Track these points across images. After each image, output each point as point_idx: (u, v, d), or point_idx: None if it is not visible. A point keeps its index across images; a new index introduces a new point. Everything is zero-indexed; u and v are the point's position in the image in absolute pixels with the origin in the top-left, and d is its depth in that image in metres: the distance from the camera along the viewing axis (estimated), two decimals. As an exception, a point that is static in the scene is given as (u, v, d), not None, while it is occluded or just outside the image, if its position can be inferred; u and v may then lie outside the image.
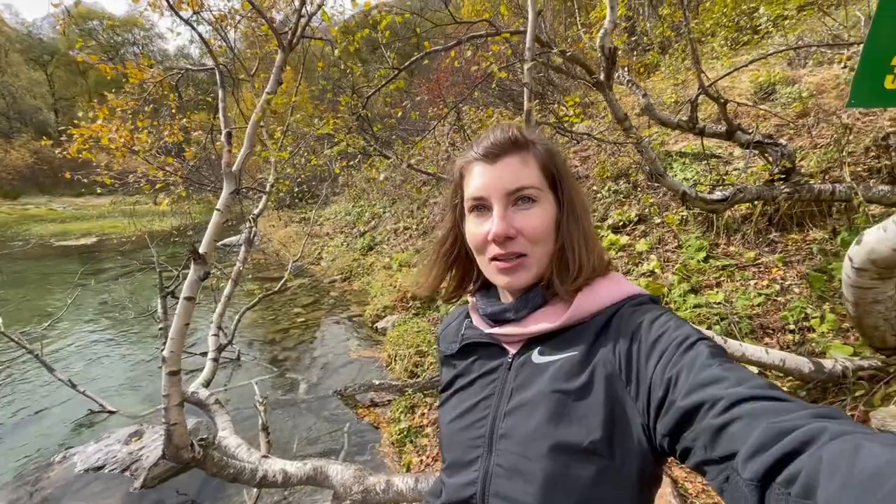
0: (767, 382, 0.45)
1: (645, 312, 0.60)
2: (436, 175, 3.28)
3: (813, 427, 0.36)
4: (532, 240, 0.64)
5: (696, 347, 0.51)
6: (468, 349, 0.75)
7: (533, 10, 2.54)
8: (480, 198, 0.65)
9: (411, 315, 5.19)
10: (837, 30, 4.97)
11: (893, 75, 1.20)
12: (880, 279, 1.92)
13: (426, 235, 7.43)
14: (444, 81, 11.28)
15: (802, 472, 0.34)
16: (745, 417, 0.41)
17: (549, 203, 0.65)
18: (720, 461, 0.42)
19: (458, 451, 0.68)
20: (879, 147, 4.09)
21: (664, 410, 0.49)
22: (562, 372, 0.60)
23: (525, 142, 0.65)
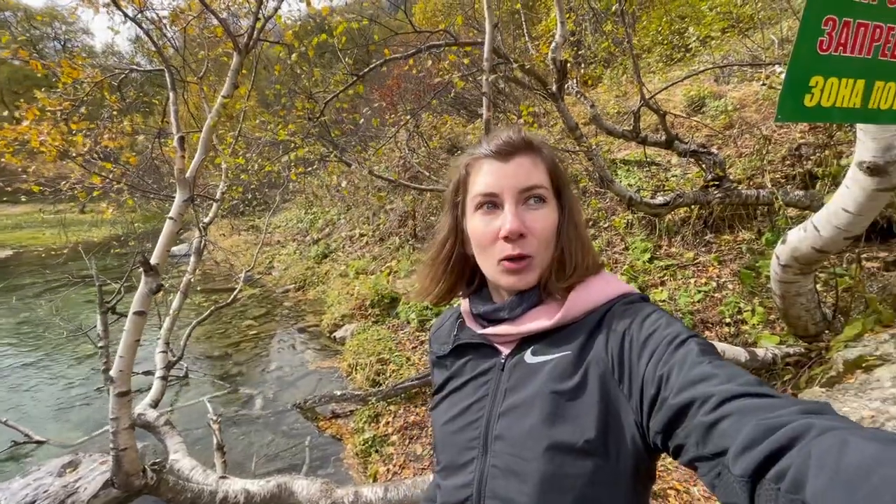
0: (756, 379, 0.46)
1: (636, 311, 0.61)
2: (397, 181, 3.28)
3: (801, 423, 0.37)
4: (541, 240, 0.64)
5: (686, 345, 0.52)
6: (460, 350, 0.75)
7: (490, 23, 2.62)
8: (491, 194, 0.65)
9: (370, 323, 5.13)
10: (756, 51, 5.51)
11: (811, 94, 1.36)
12: (802, 274, 2.16)
13: (383, 242, 7.36)
14: (397, 88, 11.30)
15: (791, 467, 0.35)
16: (735, 414, 0.42)
17: (552, 206, 0.67)
18: (712, 458, 0.43)
19: (453, 453, 0.68)
20: (793, 156, 4.57)
21: (657, 408, 0.50)
22: (555, 372, 0.61)
23: (535, 145, 0.67)
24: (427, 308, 4.90)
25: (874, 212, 1.77)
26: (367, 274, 6.59)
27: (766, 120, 5.37)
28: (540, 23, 9.41)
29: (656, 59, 7.87)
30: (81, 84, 2.82)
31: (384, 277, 6.01)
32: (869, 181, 1.69)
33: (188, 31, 3.12)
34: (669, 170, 5.32)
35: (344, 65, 2.95)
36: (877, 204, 1.73)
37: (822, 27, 1.29)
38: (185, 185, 1.95)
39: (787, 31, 5.62)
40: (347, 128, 5.83)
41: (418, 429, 3.10)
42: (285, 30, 3.12)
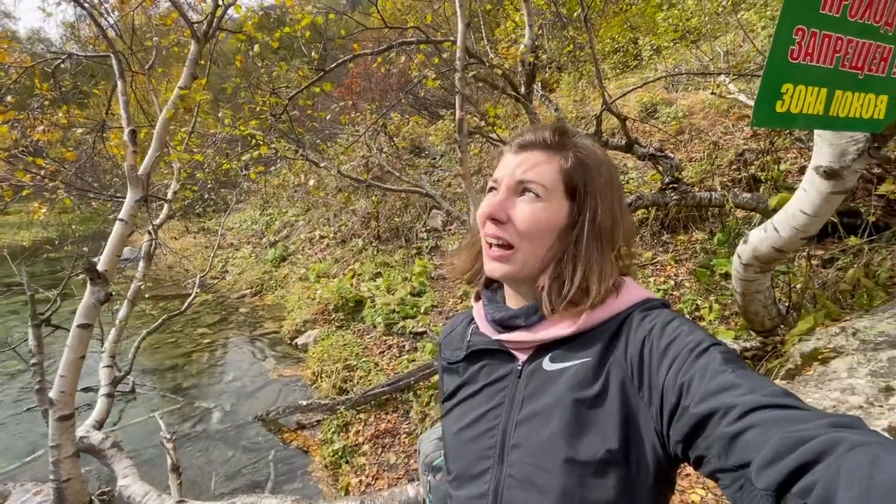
0: (782, 390, 0.44)
1: (657, 317, 0.59)
2: (366, 181, 3.17)
3: (830, 437, 0.36)
4: (521, 231, 0.62)
5: (708, 353, 0.50)
6: (475, 356, 0.72)
7: (462, 23, 2.59)
8: (495, 180, 0.66)
9: (335, 328, 4.96)
10: (704, 61, 5.84)
11: (782, 101, 1.42)
12: (762, 272, 2.28)
13: (345, 244, 7.17)
14: (357, 87, 11.08)
15: (819, 482, 0.34)
16: (760, 426, 0.40)
17: (556, 206, 0.63)
18: (734, 470, 0.42)
19: (467, 462, 0.66)
20: (739, 161, 4.88)
21: (677, 417, 0.49)
22: (575, 379, 0.59)
23: (557, 145, 0.65)
24: (394, 311, 4.80)
25: (829, 213, 1.89)
26: (329, 277, 6.38)
27: (713, 126, 5.71)
28: (499, 27, 9.54)
29: (611, 66, 8.18)
30: (7, 69, 2.50)
31: (348, 280, 5.85)
32: (825, 184, 1.80)
33: (135, 17, 2.87)
34: (628, 173, 5.53)
35: (309, 59, 2.81)
36: (831, 206, 1.85)
37: (793, 36, 1.35)
38: (138, 183, 1.77)
39: (730, 44, 6.00)
40: (311, 125, 5.61)
41: (391, 436, 3.01)
42: (244, 20, 2.94)
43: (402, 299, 4.98)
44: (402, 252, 6.32)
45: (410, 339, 4.38)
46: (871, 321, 1.96)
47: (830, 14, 1.39)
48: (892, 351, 1.68)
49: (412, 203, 6.87)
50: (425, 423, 2.98)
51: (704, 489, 2.00)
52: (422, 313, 4.78)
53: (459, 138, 2.56)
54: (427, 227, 6.62)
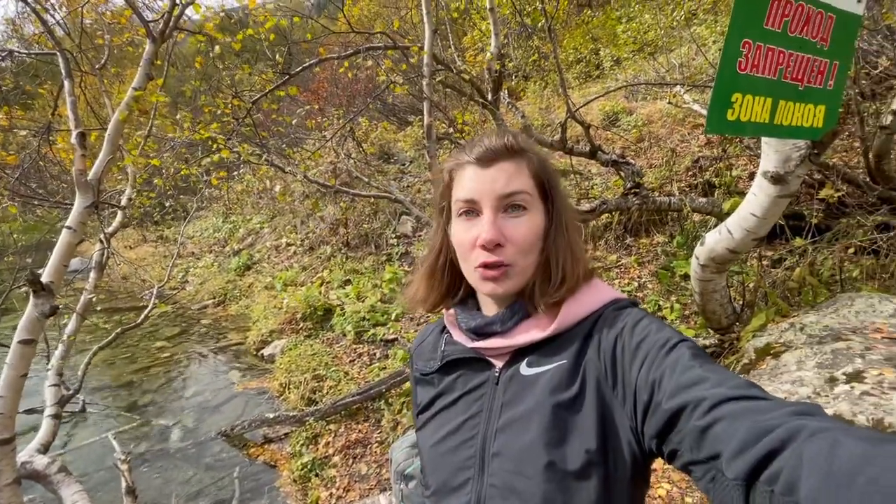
0: (746, 381, 0.46)
1: (627, 316, 0.60)
2: (334, 187, 3.12)
3: (792, 425, 0.37)
4: (520, 249, 0.62)
5: (677, 349, 0.52)
6: (450, 366, 0.71)
7: (429, 29, 2.61)
8: (471, 201, 0.63)
9: (303, 338, 4.83)
10: (661, 72, 6.11)
11: (732, 109, 1.50)
12: (718, 273, 2.39)
13: (313, 251, 7.02)
14: (323, 92, 10.93)
15: (784, 469, 0.35)
16: (728, 418, 0.42)
17: (538, 212, 0.64)
18: (706, 461, 0.43)
19: (446, 475, 0.64)
20: (695, 167, 5.12)
21: (650, 413, 0.50)
22: (553, 383, 0.59)
23: (520, 149, 0.65)
24: (364, 319, 4.74)
25: (776, 216, 2.01)
26: (296, 285, 6.23)
27: (671, 134, 5.97)
28: (466, 35, 9.68)
29: (574, 75, 8.44)
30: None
31: (316, 288, 5.72)
32: (772, 188, 1.92)
33: (84, 14, 2.73)
34: (592, 178, 5.69)
35: (273, 63, 2.75)
36: (778, 209, 1.97)
37: (740, 49, 1.44)
38: (88, 188, 1.67)
39: (683, 57, 6.32)
40: (276, 130, 5.48)
41: (362, 447, 2.95)
42: (204, 21, 2.85)
43: (372, 306, 4.92)
44: (371, 259, 6.25)
45: (381, 347, 4.33)
46: (817, 316, 2.08)
47: (773, 29, 1.48)
48: (836, 343, 1.79)
49: (381, 209, 6.82)
50: (397, 432, 2.94)
51: (669, 483, 2.06)
52: (392, 320, 4.74)
53: (428, 144, 2.57)
54: (397, 233, 6.58)
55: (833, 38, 1.63)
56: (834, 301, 2.20)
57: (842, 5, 1.62)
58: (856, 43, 2.14)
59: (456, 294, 0.74)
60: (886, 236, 2.94)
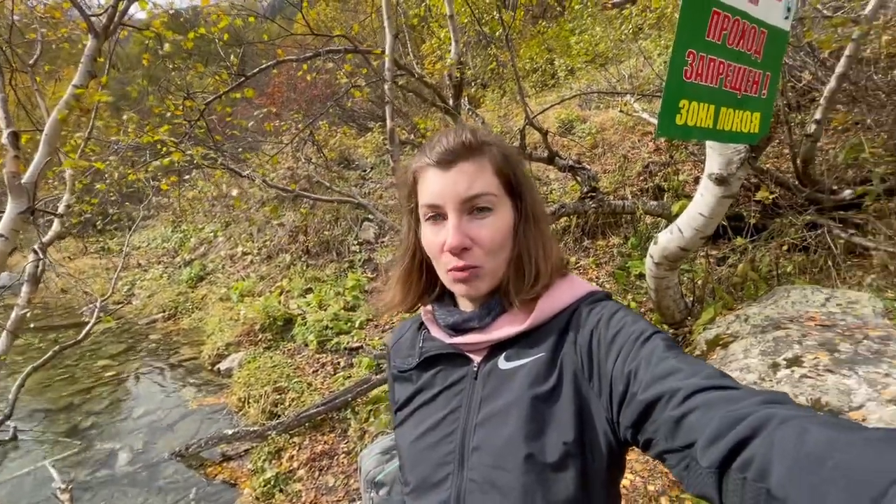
0: (719, 371, 0.48)
1: (602, 309, 0.61)
2: (295, 192, 3.03)
3: (763, 413, 0.39)
4: (488, 251, 0.62)
5: (651, 341, 0.53)
6: (428, 362, 0.70)
7: (390, 33, 2.62)
8: (435, 206, 0.63)
9: (262, 349, 4.65)
10: (612, 82, 6.41)
11: (680, 115, 1.60)
12: (671, 270, 2.52)
13: (271, 260, 6.79)
14: (279, 96, 10.66)
15: (756, 457, 0.36)
16: (701, 408, 0.43)
17: (505, 209, 0.64)
18: (680, 450, 0.44)
19: (425, 471, 0.64)
20: (646, 172, 5.39)
21: (626, 403, 0.51)
22: (531, 376, 0.60)
23: (480, 145, 0.63)
24: (327, 328, 4.63)
25: (721, 215, 2.16)
26: (253, 296, 6.00)
27: (622, 141, 6.27)
28: (424, 43, 9.78)
29: (531, 84, 8.70)
30: None
31: (275, 298, 5.53)
32: (716, 189, 2.05)
33: (14, 7, 2.53)
34: (550, 184, 5.87)
35: (228, 64, 2.65)
36: (723, 208, 2.11)
37: (686, 58, 1.54)
38: (22, 192, 1.54)
39: (632, 68, 6.67)
40: (231, 133, 5.28)
41: (328, 458, 2.87)
42: (151, 18, 2.72)
43: (335, 315, 4.82)
44: (333, 266, 6.13)
45: (345, 356, 4.24)
46: (759, 308, 2.25)
47: (713, 41, 1.59)
48: (777, 332, 1.93)
49: (343, 216, 6.71)
50: (365, 441, 2.88)
51: (632, 473, 2.14)
52: (357, 328, 4.66)
53: (391, 148, 2.57)
54: (359, 239, 6.49)
55: (765, 51, 1.78)
56: (773, 294, 2.38)
57: (772, 21, 1.76)
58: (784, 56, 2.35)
59: (433, 291, 0.74)
60: (814, 234, 3.22)
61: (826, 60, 3.97)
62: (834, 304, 2.10)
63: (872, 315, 1.96)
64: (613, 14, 5.87)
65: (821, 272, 3.09)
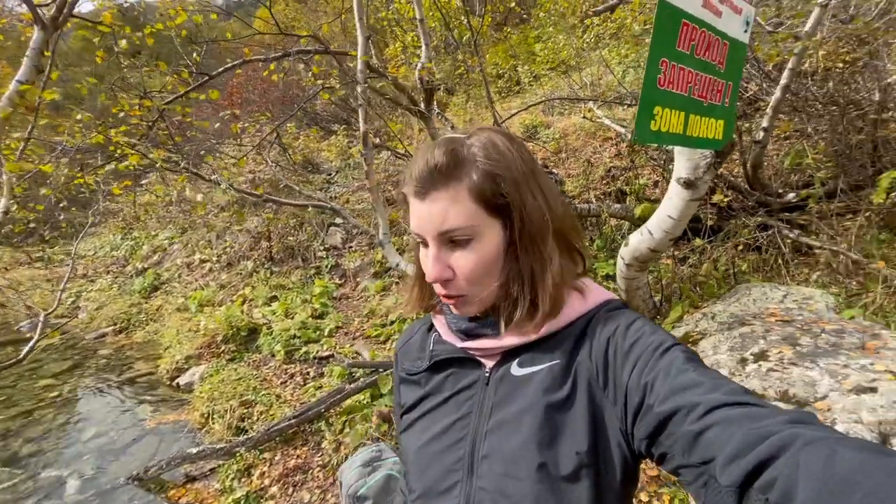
0: (741, 388, 0.46)
1: (620, 318, 0.60)
2: (264, 196, 2.91)
3: (788, 433, 0.37)
4: (470, 280, 0.60)
5: (671, 352, 0.52)
6: (438, 366, 0.69)
7: (362, 35, 2.57)
8: (418, 235, 0.62)
9: (225, 361, 4.43)
10: (575, 89, 6.61)
11: (655, 120, 1.65)
12: (641, 271, 2.61)
13: (232, 267, 6.50)
14: (238, 98, 10.28)
15: (780, 478, 0.35)
16: (722, 423, 0.41)
17: (490, 235, 0.59)
18: (697, 466, 0.43)
19: (433, 478, 0.62)
20: (608, 176, 5.58)
21: (641, 415, 0.50)
22: (546, 383, 0.59)
23: (455, 167, 0.58)
24: (295, 337, 4.47)
25: (688, 217, 2.25)
26: (214, 305, 5.72)
27: (585, 147, 6.46)
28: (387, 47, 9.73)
29: (496, 90, 8.83)
30: None
31: (238, 307, 5.30)
32: (685, 193, 2.14)
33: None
34: (518, 187, 5.96)
35: (188, 62, 2.50)
36: (690, 211, 2.21)
37: (659, 66, 1.60)
38: (-41, 199, 1.39)
39: (593, 76, 6.90)
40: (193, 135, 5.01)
41: (302, 473, 2.76)
42: (102, 10, 2.54)
43: (303, 323, 4.67)
44: (299, 273, 5.95)
45: (315, 365, 4.11)
46: (724, 306, 2.36)
47: (683, 51, 1.66)
48: (742, 328, 2.03)
49: (308, 220, 6.53)
50: (341, 453, 2.79)
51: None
52: (326, 336, 4.53)
53: (364, 151, 2.52)
54: (325, 245, 6.34)
55: (727, 62, 1.87)
56: (735, 292, 2.51)
57: (733, 34, 1.87)
58: (743, 67, 2.49)
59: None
60: (766, 235, 3.43)
61: (770, 73, 4.26)
62: (791, 300, 2.23)
63: (825, 310, 2.10)
64: (576, 23, 6.07)
65: (772, 270, 3.30)
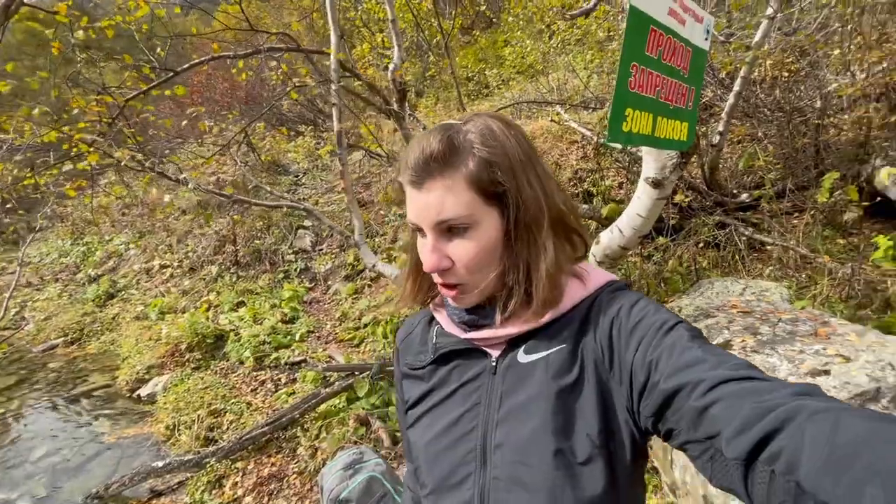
0: (746, 363, 0.46)
1: (623, 298, 0.60)
2: (233, 197, 2.81)
3: (793, 405, 0.37)
4: (468, 268, 0.59)
5: (675, 330, 0.52)
6: (443, 359, 0.68)
7: (335, 34, 2.55)
8: (415, 224, 0.61)
9: (190, 370, 4.26)
10: (542, 93, 6.76)
11: (626, 122, 1.73)
12: (611, 268, 2.70)
13: (195, 273, 6.25)
14: (198, 97, 9.91)
15: (785, 449, 0.35)
16: (727, 398, 0.42)
17: (488, 223, 0.59)
18: (703, 441, 0.43)
19: (444, 472, 0.62)
20: (576, 178, 5.74)
21: (647, 393, 0.50)
22: (554, 368, 0.59)
23: (451, 155, 0.57)
24: (264, 342, 4.35)
25: (656, 216, 2.35)
26: (176, 313, 5.48)
27: (552, 149, 6.62)
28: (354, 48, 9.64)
29: (465, 93, 8.92)
30: None
31: (202, 314, 5.10)
32: (652, 192, 2.24)
33: None
34: (489, 189, 6.05)
35: (150, 56, 2.39)
36: (658, 210, 2.31)
37: (630, 70, 1.67)
38: None
39: (559, 80, 7.09)
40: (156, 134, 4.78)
41: (277, 481, 2.69)
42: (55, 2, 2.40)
43: (272, 328, 4.55)
44: (267, 277, 5.79)
45: (287, 371, 4.02)
46: (689, 300, 2.48)
47: (651, 56, 1.74)
48: (708, 320, 2.14)
49: (275, 223, 6.36)
50: (317, 459, 2.74)
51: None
52: (297, 341, 4.43)
53: (339, 151, 2.50)
54: (294, 248, 6.20)
55: (691, 68, 1.98)
56: (699, 286, 2.64)
57: (695, 41, 1.97)
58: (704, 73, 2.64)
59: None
60: (723, 233, 3.63)
61: (724, 80, 4.51)
62: (749, 292, 2.37)
63: (781, 301, 2.25)
64: (543, 28, 6.22)
65: (730, 266, 3.50)
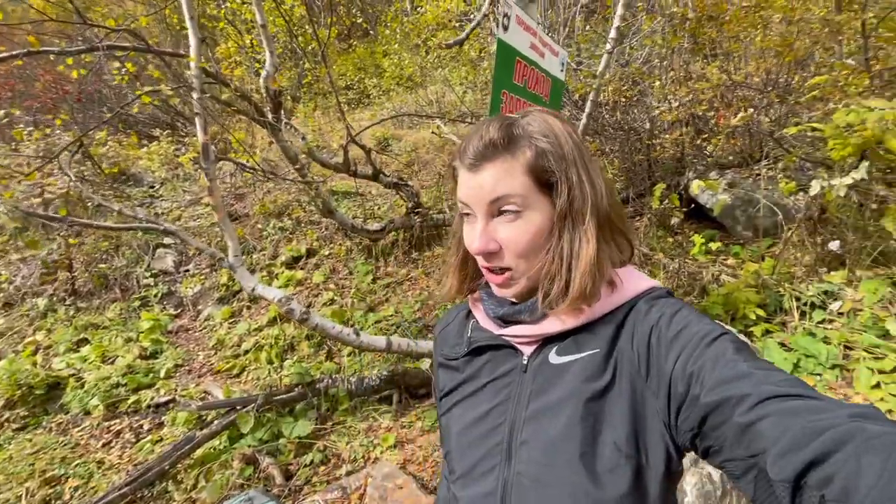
0: (796, 379, 0.43)
1: (664, 306, 0.58)
2: (67, 220, 2.30)
3: (849, 427, 0.35)
4: (517, 254, 0.59)
5: (719, 342, 0.50)
6: (476, 352, 0.69)
7: (195, 37, 2.30)
8: (465, 205, 0.62)
9: (11, 433, 3.41)
10: (421, 104, 6.97)
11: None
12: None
13: (12, 308, 5.02)
14: (3, 94, 8.08)
15: (838, 474, 0.33)
16: (776, 415, 0.39)
17: (539, 210, 0.59)
18: (747, 459, 0.41)
19: (472, 461, 0.64)
20: (458, 188, 6.04)
21: (686, 406, 0.48)
22: (585, 372, 0.58)
23: (511, 142, 0.58)
24: (118, 385, 3.70)
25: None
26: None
27: (434, 160, 6.86)
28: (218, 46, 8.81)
29: (344, 101, 8.75)
30: None
31: (26, 359, 4.13)
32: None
33: None
34: (375, 199, 6.00)
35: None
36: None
37: (501, 97, 1.83)
38: None
39: (437, 93, 7.39)
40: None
41: (144, 548, 2.30)
42: None
43: (128, 367, 3.89)
44: (118, 307, 4.93)
45: (151, 416, 3.46)
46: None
47: (518, 84, 1.93)
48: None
49: (126, 242, 5.46)
50: (196, 511, 2.41)
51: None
52: (162, 378, 3.86)
53: (205, 165, 2.26)
54: (153, 270, 5.39)
55: (551, 94, 2.24)
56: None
57: (553, 72, 2.23)
58: (562, 100, 2.98)
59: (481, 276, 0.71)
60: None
61: (577, 102, 5.17)
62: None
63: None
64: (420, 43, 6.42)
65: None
